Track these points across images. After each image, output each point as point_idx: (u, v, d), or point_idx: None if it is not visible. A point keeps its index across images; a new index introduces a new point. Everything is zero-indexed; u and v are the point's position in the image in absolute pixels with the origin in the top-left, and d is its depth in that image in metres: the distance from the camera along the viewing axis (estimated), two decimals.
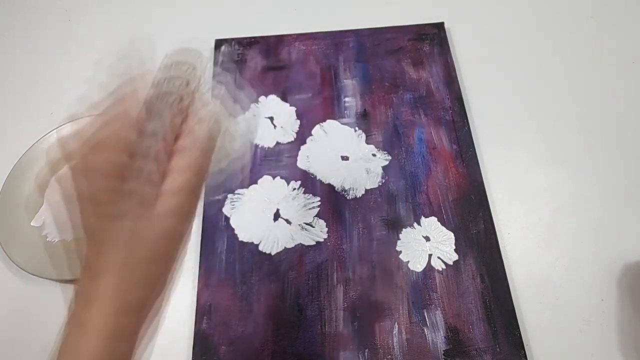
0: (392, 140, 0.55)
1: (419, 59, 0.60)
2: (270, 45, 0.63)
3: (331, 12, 0.66)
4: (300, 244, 0.49)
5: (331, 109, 0.57)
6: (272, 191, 0.52)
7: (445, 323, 0.44)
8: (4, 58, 0.66)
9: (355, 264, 0.48)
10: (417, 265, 0.47)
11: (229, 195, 0.52)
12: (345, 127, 0.56)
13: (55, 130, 0.56)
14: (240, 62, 0.61)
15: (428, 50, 0.61)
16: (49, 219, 0.52)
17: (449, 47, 0.61)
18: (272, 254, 0.49)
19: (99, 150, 0.26)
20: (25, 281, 0.49)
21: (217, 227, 0.50)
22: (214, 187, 0.51)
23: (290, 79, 0.60)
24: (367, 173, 0.53)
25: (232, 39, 0.63)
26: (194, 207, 0.28)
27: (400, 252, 0.48)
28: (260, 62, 0.61)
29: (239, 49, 0.62)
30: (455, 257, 0.47)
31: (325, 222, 0.50)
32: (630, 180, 0.51)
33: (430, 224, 0.49)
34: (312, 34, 0.63)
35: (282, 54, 0.62)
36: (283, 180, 0.53)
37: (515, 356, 0.43)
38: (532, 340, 0.44)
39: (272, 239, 0.49)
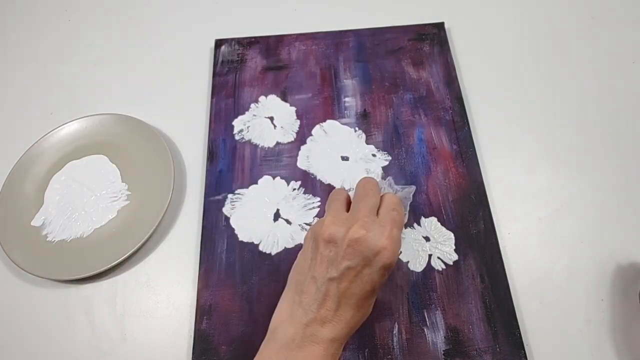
0: (392, 140, 0.55)
1: (419, 59, 0.60)
2: (270, 45, 0.63)
3: (331, 12, 0.66)
4: (301, 244, 0.49)
5: (331, 109, 0.57)
6: (272, 191, 0.52)
7: (445, 323, 0.44)
8: (4, 58, 0.66)
9: None
10: (417, 265, 0.47)
11: (229, 195, 0.52)
12: (345, 127, 0.56)
13: (55, 130, 0.56)
14: (240, 62, 0.61)
15: (428, 50, 0.61)
16: (49, 219, 0.52)
17: (449, 47, 0.61)
18: (272, 254, 0.49)
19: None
20: (25, 281, 0.49)
21: (217, 227, 0.50)
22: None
23: (290, 79, 0.60)
24: (367, 173, 0.53)
25: (232, 39, 0.63)
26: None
27: (400, 252, 0.48)
28: (260, 62, 0.61)
29: (239, 49, 0.62)
30: (455, 257, 0.47)
31: None
32: (630, 180, 0.51)
33: (430, 224, 0.49)
34: (312, 34, 0.63)
35: (282, 54, 0.62)
36: (283, 181, 0.53)
37: (515, 356, 0.43)
38: (532, 340, 0.44)
39: (272, 239, 0.49)
